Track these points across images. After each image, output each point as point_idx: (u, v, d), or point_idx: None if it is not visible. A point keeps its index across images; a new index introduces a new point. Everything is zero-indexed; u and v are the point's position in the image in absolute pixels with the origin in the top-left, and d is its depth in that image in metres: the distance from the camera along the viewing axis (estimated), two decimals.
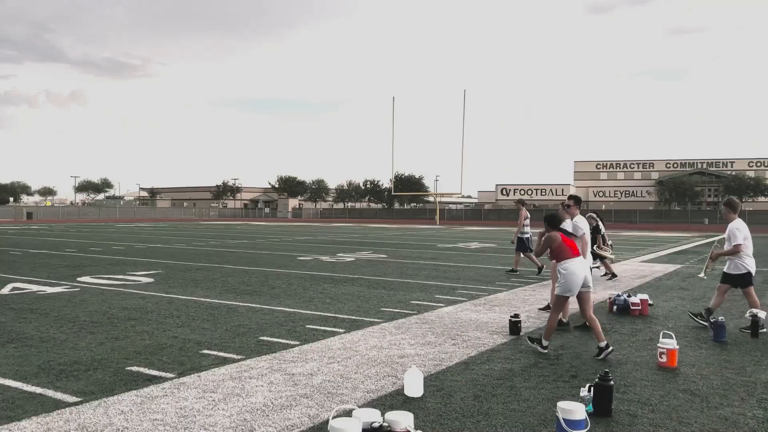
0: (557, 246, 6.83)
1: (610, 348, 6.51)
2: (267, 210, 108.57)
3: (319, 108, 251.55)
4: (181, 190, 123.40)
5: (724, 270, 8.40)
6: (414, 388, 5.07)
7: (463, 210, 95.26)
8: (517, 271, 14.78)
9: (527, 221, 15.20)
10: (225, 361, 6.16)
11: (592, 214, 14.11)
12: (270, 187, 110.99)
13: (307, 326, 7.98)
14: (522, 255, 15.07)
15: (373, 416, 3.71)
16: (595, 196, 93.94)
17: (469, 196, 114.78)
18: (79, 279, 12.78)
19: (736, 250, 8.10)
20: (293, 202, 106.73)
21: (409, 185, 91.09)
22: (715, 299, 8.46)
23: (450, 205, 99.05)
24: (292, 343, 7.01)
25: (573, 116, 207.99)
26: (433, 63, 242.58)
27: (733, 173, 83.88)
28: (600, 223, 13.98)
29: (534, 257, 13.92)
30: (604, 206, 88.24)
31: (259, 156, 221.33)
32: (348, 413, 3.87)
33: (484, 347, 6.94)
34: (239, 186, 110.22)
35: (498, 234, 37.43)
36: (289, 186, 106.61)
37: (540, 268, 14.34)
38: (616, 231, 44.36)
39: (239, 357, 6.34)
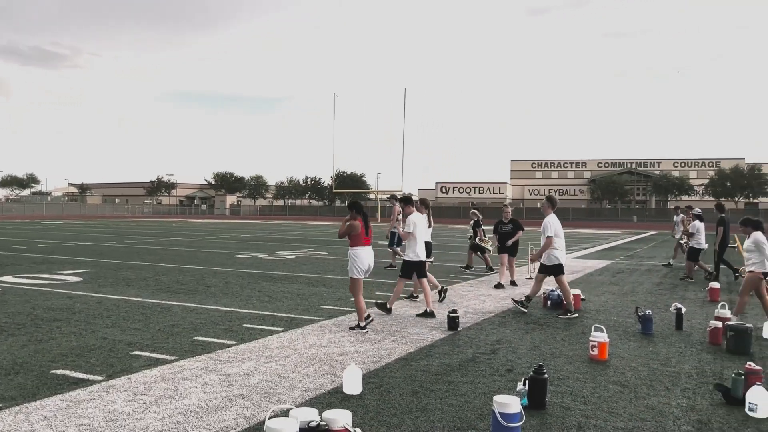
0: (358, 233, 7.62)
1: (370, 319, 7.65)
2: (204, 207, 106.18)
3: (258, 103, 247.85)
4: (112, 185, 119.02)
5: (541, 261, 9.24)
6: (353, 385, 5.04)
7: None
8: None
9: (400, 216, 15.49)
10: (157, 363, 5.95)
11: (474, 210, 15.07)
12: (206, 183, 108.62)
13: (244, 325, 7.82)
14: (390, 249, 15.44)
15: (311, 415, 3.66)
16: (531, 194, 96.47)
17: (410, 194, 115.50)
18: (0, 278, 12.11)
19: (548, 243, 9.03)
20: (231, 199, 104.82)
21: (350, 182, 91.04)
22: (534, 287, 9.37)
23: (390, 203, 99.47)
24: (229, 342, 6.85)
25: (510, 116, 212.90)
26: (375, 60, 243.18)
27: (660, 173, 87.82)
28: (480, 218, 15.08)
29: (399, 250, 13.79)
30: (539, 204, 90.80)
31: (196, 151, 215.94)
32: (285, 413, 3.80)
33: (423, 343, 6.98)
34: (174, 182, 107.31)
35: (437, 231, 37.89)
36: (227, 182, 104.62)
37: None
38: None
39: (172, 358, 6.14)
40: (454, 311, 7.93)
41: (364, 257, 7.69)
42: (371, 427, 4.32)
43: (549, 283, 12.24)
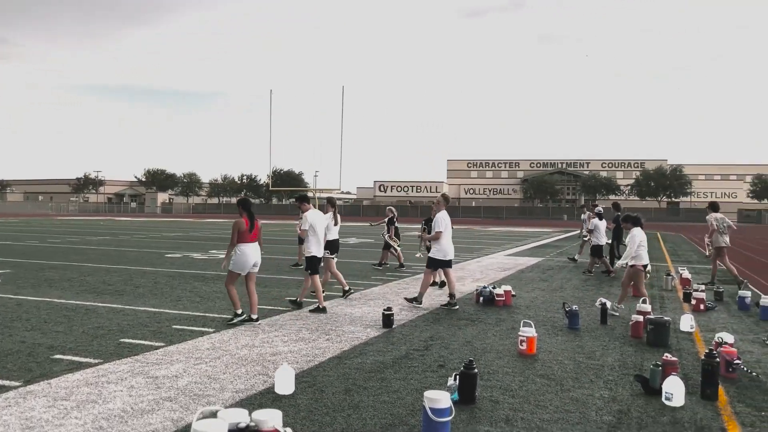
0: (242, 231, 7.80)
1: (243, 316, 7.89)
2: (134, 205, 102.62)
3: (192, 99, 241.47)
4: (35, 182, 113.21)
5: (429, 255, 9.57)
6: (285, 385, 4.99)
7: (342, 206, 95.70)
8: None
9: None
10: (80, 366, 5.71)
11: (390, 207, 15.56)
12: (137, 180, 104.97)
13: (174, 326, 7.61)
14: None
15: (240, 416, 3.59)
16: (466, 193, 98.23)
17: (349, 192, 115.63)
18: None
19: (436, 237, 9.35)
20: (163, 197, 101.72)
21: (287, 180, 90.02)
22: (423, 283, 9.57)
23: None
24: (157, 344, 6.65)
25: (448, 116, 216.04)
26: (313, 58, 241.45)
27: (589, 173, 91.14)
28: (395, 216, 15.48)
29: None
30: (474, 203, 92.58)
31: (126, 148, 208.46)
32: (213, 415, 3.72)
33: (358, 341, 6.99)
34: (102, 179, 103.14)
35: (376, 230, 38.01)
36: (158, 180, 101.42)
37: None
38: (485, 226, 46.63)
39: (96, 361, 5.91)
40: (389, 309, 7.97)
41: (249, 254, 7.88)
42: (303, 427, 4.30)
43: (482, 281, 12.51)
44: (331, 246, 10.48)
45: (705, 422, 4.58)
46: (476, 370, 4.95)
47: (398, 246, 15.09)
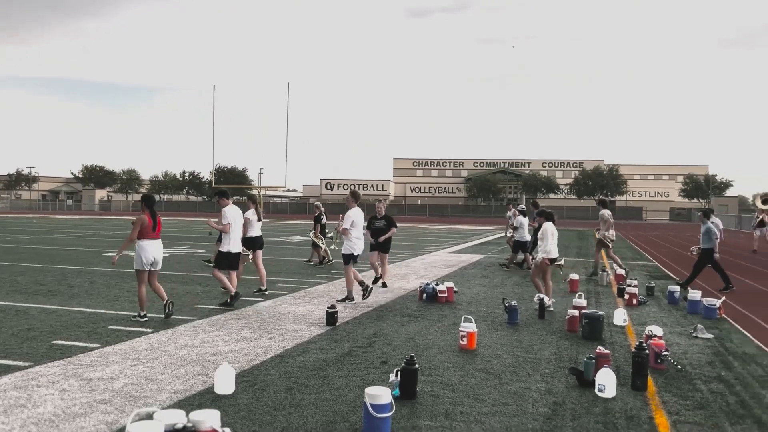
0: (144, 227, 7.82)
1: (145, 319, 7.76)
2: (70, 202, 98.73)
3: (132, 93, 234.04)
4: None
5: (342, 251, 9.68)
6: (225, 385, 4.93)
7: (288, 204, 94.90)
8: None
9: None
10: (8, 370, 5.48)
11: (317, 203, 15.58)
12: (73, 177, 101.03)
13: (110, 327, 7.39)
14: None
15: (177, 417, 3.52)
16: (412, 191, 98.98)
17: (295, 190, 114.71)
18: None
19: (344, 233, 9.56)
20: (101, 194, 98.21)
21: (231, 177, 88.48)
22: (348, 276, 9.67)
23: (274, 199, 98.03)
24: (92, 345, 6.44)
25: (394, 115, 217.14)
26: (258, 53, 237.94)
27: (530, 172, 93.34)
28: (323, 214, 15.58)
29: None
30: (419, 201, 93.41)
31: (61, 143, 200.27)
32: (149, 416, 3.64)
33: (301, 339, 6.96)
34: (36, 175, 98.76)
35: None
36: (96, 176, 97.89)
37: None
38: (430, 224, 47.11)
39: (26, 364, 5.67)
40: (333, 306, 7.97)
41: (150, 250, 7.87)
42: (243, 426, 4.25)
43: (426, 278, 12.65)
44: (254, 242, 10.57)
45: (635, 412, 4.78)
46: (417, 366, 5.02)
47: (323, 244, 15.09)
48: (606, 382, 5.14)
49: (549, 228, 9.29)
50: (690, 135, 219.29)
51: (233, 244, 9.18)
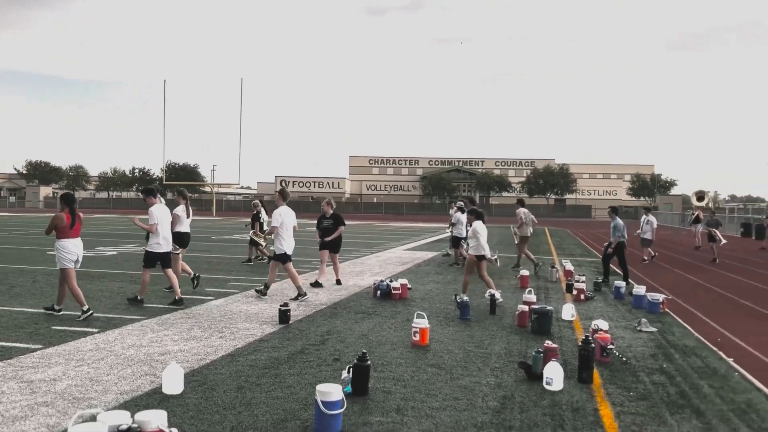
0: (63, 225, 7.73)
1: (90, 312, 7.75)
2: (12, 199, 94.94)
3: (80, 87, 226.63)
4: None
5: (275, 251, 9.61)
6: (173, 385, 4.83)
7: (242, 201, 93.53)
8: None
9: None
10: None
11: (256, 201, 15.42)
12: (17, 172, 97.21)
13: (53, 327, 7.15)
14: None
15: (121, 418, 3.44)
16: (368, 189, 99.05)
17: (249, 187, 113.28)
18: None
19: (272, 231, 9.56)
20: (46, 191, 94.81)
21: (183, 174, 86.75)
22: (270, 275, 9.75)
23: (228, 196, 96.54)
24: (34, 347, 6.21)
25: (350, 112, 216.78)
26: (211, 49, 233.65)
27: (483, 171, 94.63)
28: (263, 212, 15.43)
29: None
30: (375, 199, 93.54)
31: (5, 138, 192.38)
32: (92, 418, 3.54)
33: (252, 338, 6.88)
34: None
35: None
36: (41, 172, 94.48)
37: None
38: (385, 222, 47.25)
39: None
40: (286, 304, 7.91)
41: (71, 248, 7.84)
42: (191, 426, 4.18)
43: (380, 275, 12.69)
44: (182, 239, 10.42)
45: (580, 404, 4.91)
46: (369, 363, 5.03)
47: (263, 242, 14.94)
48: (553, 375, 5.26)
49: (478, 227, 9.52)
50: (637, 136, 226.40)
51: (162, 244, 8.93)
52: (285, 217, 9.55)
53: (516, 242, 15.18)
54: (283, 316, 7.74)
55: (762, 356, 6.64)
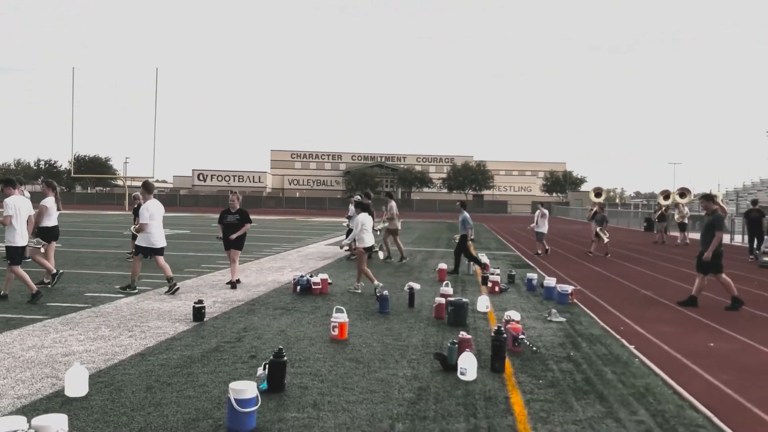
0: None
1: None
2: None
3: None
4: None
5: (137, 243, 9.76)
6: (76, 387, 4.59)
7: (157, 195, 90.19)
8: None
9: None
10: None
11: (136, 194, 15.16)
12: None
13: None
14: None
15: (16, 424, 3.23)
16: (290, 184, 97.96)
17: (164, 181, 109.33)
18: None
19: (141, 228, 9.58)
20: None
21: (93, 167, 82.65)
22: (134, 266, 9.70)
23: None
24: None
25: (271, 106, 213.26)
26: (124, 36, 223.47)
27: (405, 167, 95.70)
28: (140, 206, 15.04)
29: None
30: (298, 194, 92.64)
31: None
32: None
33: (164, 336, 6.65)
34: None
35: (193, 220, 36.39)
36: None
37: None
38: (308, 217, 46.87)
39: None
40: (200, 301, 7.69)
41: None
42: (95, 429, 3.98)
43: (301, 270, 12.58)
44: (49, 233, 10.10)
45: (493, 393, 5.06)
46: (286, 359, 4.97)
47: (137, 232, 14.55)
48: (467, 365, 5.39)
49: (362, 219, 9.98)
50: (551, 135, 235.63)
51: (19, 237, 8.56)
52: (153, 211, 9.49)
53: (379, 234, 15.33)
54: (198, 313, 7.52)
55: (660, 343, 7.08)
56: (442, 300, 8.05)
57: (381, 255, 14.90)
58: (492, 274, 10.88)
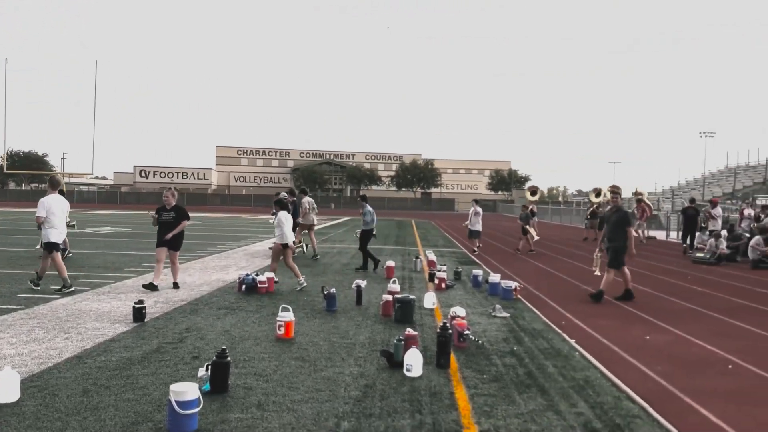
0: None
1: None
2: None
3: None
4: None
5: (48, 239, 9.49)
6: (7, 392, 4.38)
7: (96, 192, 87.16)
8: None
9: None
10: None
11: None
12: None
13: None
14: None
15: None
16: (236, 180, 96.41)
17: (104, 178, 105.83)
18: None
19: (38, 222, 9.37)
20: None
21: (28, 163, 79.23)
22: (42, 263, 9.53)
23: (81, 187, 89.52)
24: None
25: (217, 101, 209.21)
26: (58, 26, 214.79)
27: (354, 164, 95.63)
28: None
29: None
30: (244, 191, 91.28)
31: None
32: None
33: (103, 338, 6.43)
34: None
35: (134, 218, 35.33)
36: None
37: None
38: (254, 215, 46.21)
39: None
40: (141, 302, 7.47)
41: None
42: None
43: (246, 268, 12.39)
44: None
45: (438, 388, 5.11)
46: (229, 359, 4.88)
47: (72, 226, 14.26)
48: (413, 362, 5.42)
49: (282, 216, 10.22)
50: (496, 134, 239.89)
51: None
52: (53, 206, 9.37)
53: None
54: (138, 313, 7.30)
55: (599, 336, 7.30)
56: (390, 297, 8.08)
57: (305, 250, 15.42)
58: (438, 270, 10.98)
